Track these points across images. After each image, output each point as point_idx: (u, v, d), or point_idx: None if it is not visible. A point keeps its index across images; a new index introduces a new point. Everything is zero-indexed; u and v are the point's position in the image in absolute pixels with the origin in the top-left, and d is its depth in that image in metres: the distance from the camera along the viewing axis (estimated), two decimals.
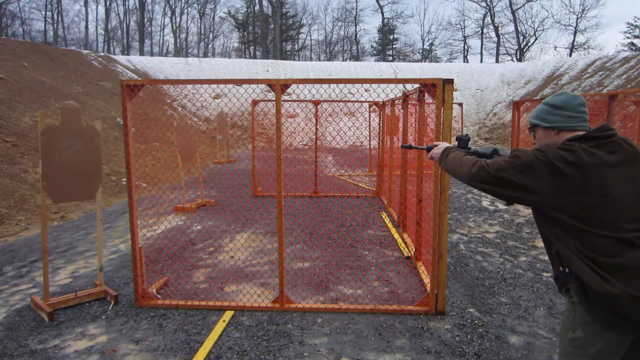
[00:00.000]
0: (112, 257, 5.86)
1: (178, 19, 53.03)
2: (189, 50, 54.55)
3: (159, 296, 4.51)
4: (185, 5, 52.65)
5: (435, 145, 2.51)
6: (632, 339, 1.86)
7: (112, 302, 4.39)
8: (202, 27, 54.98)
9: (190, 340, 3.70)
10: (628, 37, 42.95)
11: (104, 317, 4.14)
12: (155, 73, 26.35)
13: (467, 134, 2.57)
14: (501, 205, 8.90)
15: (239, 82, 4.31)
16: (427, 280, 4.62)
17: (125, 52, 47.96)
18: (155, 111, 17.89)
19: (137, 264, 4.30)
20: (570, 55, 43.28)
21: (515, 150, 2.04)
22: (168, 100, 22.55)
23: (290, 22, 55.00)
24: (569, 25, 46.70)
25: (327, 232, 6.86)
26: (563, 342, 2.01)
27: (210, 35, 56.28)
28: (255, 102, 10.01)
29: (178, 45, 52.12)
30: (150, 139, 13.63)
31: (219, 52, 57.97)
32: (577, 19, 45.76)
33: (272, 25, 50.30)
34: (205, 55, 52.63)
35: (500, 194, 1.99)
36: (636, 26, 42.23)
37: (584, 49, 45.56)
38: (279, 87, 4.11)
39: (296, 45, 57.57)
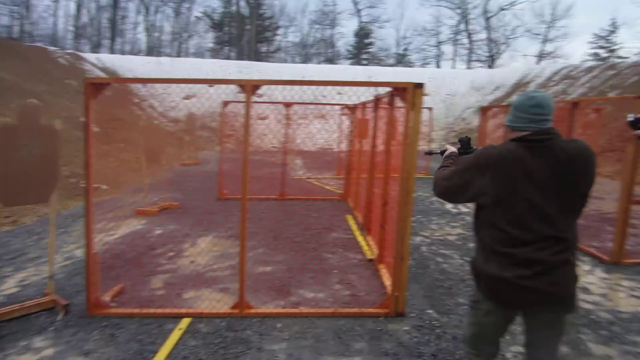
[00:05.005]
0: (65, 264, 5.63)
1: (152, 18, 52.11)
2: (162, 50, 53.64)
3: (113, 304, 4.35)
4: (161, 3, 51.74)
5: (446, 150, 2.74)
6: (521, 314, 2.30)
7: (62, 312, 4.20)
8: (177, 26, 54.17)
9: (144, 350, 3.57)
10: (593, 48, 44.45)
11: (52, 328, 3.96)
12: (124, 72, 25.74)
13: (466, 136, 2.79)
14: (464, 208, 9.00)
15: (209, 82, 4.23)
16: (388, 282, 4.61)
17: (96, 49, 46.79)
18: (122, 111, 17.49)
19: (90, 270, 4.14)
20: (538, 63, 44.38)
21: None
22: (136, 100, 22.09)
23: (267, 23, 54.68)
24: (539, 34, 47.96)
25: (292, 235, 6.79)
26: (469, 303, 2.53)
27: (185, 34, 55.50)
28: (225, 103, 9.88)
29: (151, 44, 51.22)
30: (115, 139, 13.29)
31: (193, 52, 57.20)
32: (547, 28, 47.01)
33: (249, 27, 49.94)
34: (178, 55, 51.81)
35: (457, 194, 2.35)
36: (602, 37, 43.70)
37: (552, 57, 46.81)
38: (250, 88, 4.03)
39: (272, 46, 57.33)
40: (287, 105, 10.21)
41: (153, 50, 50.35)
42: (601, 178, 13.24)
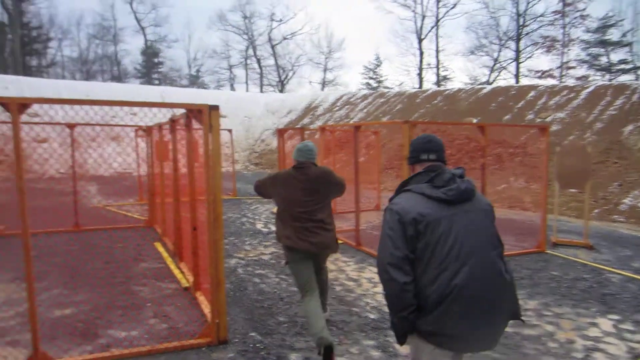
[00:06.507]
0: None
1: None
2: None
3: None
4: None
5: None
6: (312, 256, 4.01)
7: None
8: None
9: None
10: (365, 78, 51.31)
11: None
12: None
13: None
14: (274, 227, 9.32)
15: None
16: (207, 310, 4.52)
17: None
18: None
19: None
20: (323, 89, 49.00)
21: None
22: None
23: (35, 34, 48.03)
24: (320, 63, 53.00)
25: (93, 271, 6.12)
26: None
27: None
28: None
29: None
30: None
31: None
32: (326, 58, 52.26)
33: (10, 36, 43.10)
34: None
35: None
36: (370, 69, 50.93)
37: (333, 85, 52.21)
38: (16, 107, 3.50)
39: (44, 60, 50.59)
40: (70, 126, 9.26)
41: None
42: (386, 192, 15.25)
